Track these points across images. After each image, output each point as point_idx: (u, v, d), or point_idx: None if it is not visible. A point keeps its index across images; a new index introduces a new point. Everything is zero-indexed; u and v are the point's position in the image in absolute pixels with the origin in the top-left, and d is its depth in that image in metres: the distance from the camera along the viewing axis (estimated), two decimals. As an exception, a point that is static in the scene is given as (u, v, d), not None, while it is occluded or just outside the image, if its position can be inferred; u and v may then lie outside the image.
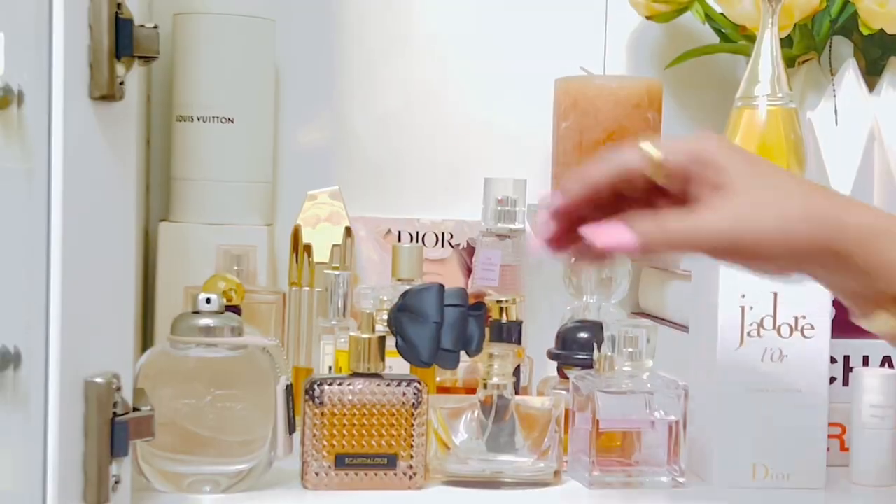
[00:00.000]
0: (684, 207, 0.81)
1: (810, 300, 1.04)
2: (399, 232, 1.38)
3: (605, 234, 0.81)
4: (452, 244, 1.39)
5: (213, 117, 1.30)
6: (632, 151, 0.82)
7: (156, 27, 0.75)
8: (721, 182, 0.79)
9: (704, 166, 0.80)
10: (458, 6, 1.42)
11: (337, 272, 1.16)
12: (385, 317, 1.03)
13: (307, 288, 1.22)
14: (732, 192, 0.79)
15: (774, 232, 0.78)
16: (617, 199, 0.83)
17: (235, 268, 1.22)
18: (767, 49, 1.08)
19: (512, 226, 1.28)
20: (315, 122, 1.42)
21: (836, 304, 1.00)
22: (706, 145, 0.81)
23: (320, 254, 1.23)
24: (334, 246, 1.21)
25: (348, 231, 1.25)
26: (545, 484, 1.02)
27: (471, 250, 1.36)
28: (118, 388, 0.74)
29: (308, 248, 1.23)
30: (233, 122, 1.30)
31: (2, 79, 0.71)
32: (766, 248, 0.78)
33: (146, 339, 1.31)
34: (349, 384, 0.97)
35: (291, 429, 0.98)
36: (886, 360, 1.14)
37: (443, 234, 1.39)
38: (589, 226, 0.82)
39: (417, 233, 1.39)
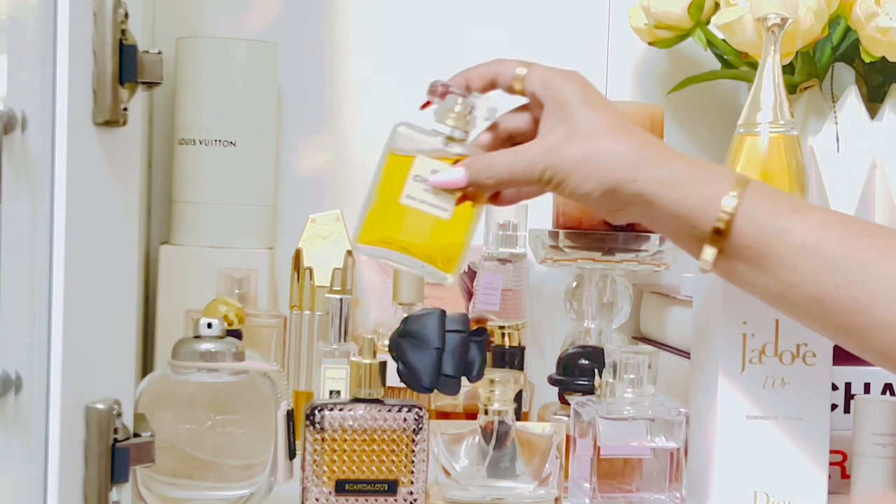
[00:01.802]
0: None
1: (812, 327, 1.04)
2: (400, 256, 1.38)
3: (442, 174, 0.91)
4: (453, 268, 1.38)
5: (215, 141, 1.30)
6: (509, 63, 0.95)
7: (160, 53, 0.75)
8: (559, 116, 0.91)
9: (551, 99, 0.92)
10: (461, 31, 1.43)
11: (338, 296, 1.16)
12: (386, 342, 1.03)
13: (308, 312, 1.22)
14: (560, 126, 0.91)
15: (579, 162, 0.89)
16: None
17: (236, 291, 1.22)
18: (769, 76, 1.08)
19: (513, 250, 1.28)
20: (317, 145, 1.42)
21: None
22: (558, 79, 0.93)
23: (321, 277, 1.23)
24: (335, 269, 1.21)
25: (349, 254, 1.25)
26: (546, 510, 1.02)
27: (472, 274, 1.36)
28: (119, 414, 0.74)
29: (309, 271, 1.23)
30: (235, 145, 1.30)
31: (5, 103, 0.71)
32: (573, 179, 0.89)
33: (146, 362, 1.31)
34: (350, 409, 0.97)
35: (292, 454, 0.98)
36: (888, 388, 1.14)
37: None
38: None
39: (418, 256, 1.38)
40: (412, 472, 0.98)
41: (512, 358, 1.06)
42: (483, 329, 1.00)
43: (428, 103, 0.96)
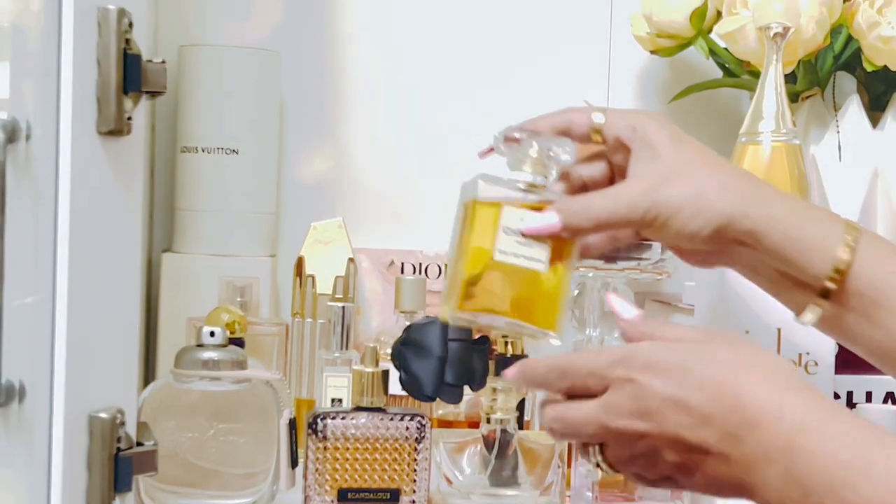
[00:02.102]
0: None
1: (814, 336, 1.03)
2: (402, 263, 1.38)
3: (533, 219, 0.82)
4: (455, 276, 1.39)
5: (218, 148, 1.30)
6: (581, 111, 0.87)
7: (163, 62, 0.75)
8: (651, 156, 0.83)
9: (640, 139, 0.84)
10: (463, 39, 1.43)
11: (340, 304, 1.16)
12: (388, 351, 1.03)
13: (310, 319, 1.22)
14: (655, 165, 0.83)
15: (688, 199, 0.81)
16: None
17: (238, 299, 1.22)
18: (772, 85, 1.08)
19: (515, 259, 1.27)
20: (319, 153, 1.42)
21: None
22: (642, 120, 0.85)
23: (323, 285, 1.23)
24: (337, 277, 1.21)
25: (351, 262, 1.25)
26: (548, 519, 1.02)
27: (474, 282, 1.36)
28: (122, 423, 0.74)
29: (311, 279, 1.23)
30: (237, 153, 1.30)
31: (9, 112, 0.71)
32: (680, 217, 0.81)
33: (148, 370, 1.31)
34: (352, 418, 0.97)
35: (294, 462, 0.98)
36: (889, 397, 1.14)
37: (446, 265, 1.39)
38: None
39: (420, 264, 1.39)
40: (414, 480, 0.98)
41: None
42: (485, 338, 1.00)
43: (491, 150, 0.90)
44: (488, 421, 1.01)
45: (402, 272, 1.37)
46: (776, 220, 0.82)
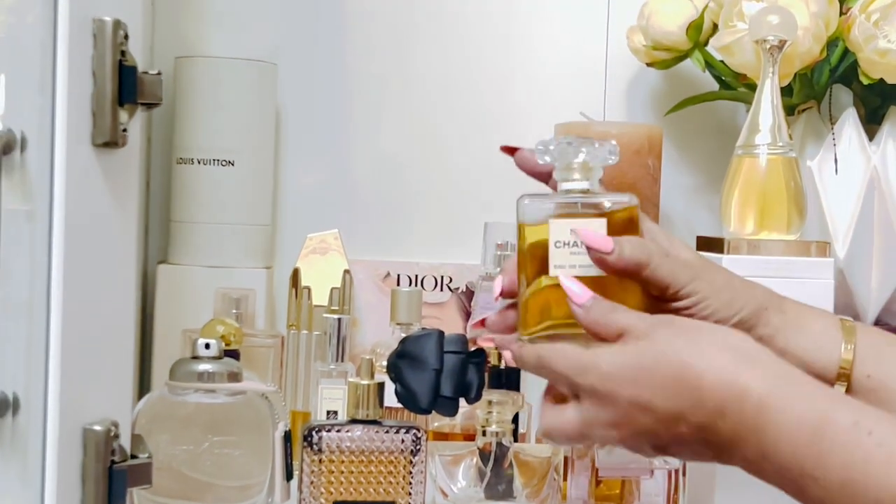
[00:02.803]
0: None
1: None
2: (398, 275, 1.38)
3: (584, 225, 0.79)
4: (451, 288, 1.39)
5: (214, 160, 1.30)
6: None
7: (159, 73, 0.75)
8: (670, 259, 0.79)
9: (654, 254, 0.78)
10: (458, 52, 1.43)
11: (336, 316, 1.16)
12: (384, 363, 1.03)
13: (305, 331, 1.22)
14: (684, 263, 0.79)
15: (723, 284, 0.80)
16: None
17: (234, 311, 1.22)
18: (768, 98, 1.08)
19: (511, 271, 1.27)
20: (315, 165, 1.42)
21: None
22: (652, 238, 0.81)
23: (319, 296, 1.23)
24: (333, 289, 1.21)
25: (347, 274, 1.25)
26: (544, 532, 1.01)
27: (470, 294, 1.36)
28: (116, 436, 0.74)
29: (307, 290, 1.23)
30: (233, 164, 1.30)
31: (5, 124, 0.71)
32: (716, 300, 0.79)
33: (143, 381, 1.31)
34: (347, 430, 0.97)
35: (289, 475, 0.97)
36: (886, 410, 1.14)
37: (442, 277, 1.39)
38: None
39: (416, 276, 1.39)
40: (410, 493, 0.97)
41: (508, 378, 1.05)
42: (481, 350, 1.00)
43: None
44: (484, 433, 1.01)
45: (398, 284, 1.37)
46: (798, 310, 0.82)
